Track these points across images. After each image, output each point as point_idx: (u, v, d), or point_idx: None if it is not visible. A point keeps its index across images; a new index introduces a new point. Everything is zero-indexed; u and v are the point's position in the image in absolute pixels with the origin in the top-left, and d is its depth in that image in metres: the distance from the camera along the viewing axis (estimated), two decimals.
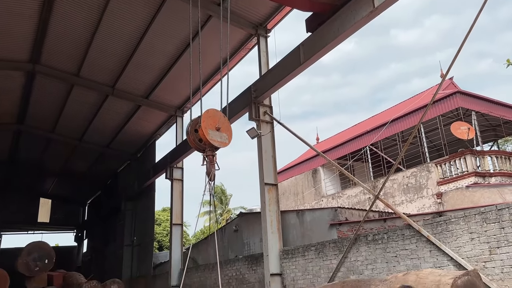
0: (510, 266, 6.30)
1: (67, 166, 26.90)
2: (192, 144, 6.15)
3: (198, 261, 18.89)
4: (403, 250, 8.07)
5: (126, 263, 23.52)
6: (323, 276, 10.13)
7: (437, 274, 5.35)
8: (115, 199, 26.04)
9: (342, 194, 23.39)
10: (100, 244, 29.04)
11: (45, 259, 13.93)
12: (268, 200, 12.37)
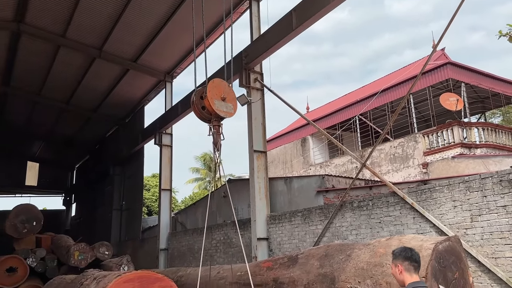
0: (490, 233, 6.49)
1: (54, 130, 26.62)
2: (198, 114, 6.11)
3: (187, 226, 19.15)
4: (387, 217, 8.24)
5: (115, 227, 23.76)
6: (308, 240, 10.36)
7: (419, 239, 5.48)
8: (103, 163, 25.99)
9: (330, 163, 23.62)
10: (88, 208, 29.20)
11: (33, 222, 13.99)
12: (256, 167, 12.46)
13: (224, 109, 5.98)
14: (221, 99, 6.01)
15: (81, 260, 13.34)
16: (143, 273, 6.81)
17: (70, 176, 33.95)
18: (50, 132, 27.06)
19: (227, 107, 6.04)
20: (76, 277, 9.59)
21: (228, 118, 6.18)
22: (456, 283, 5.23)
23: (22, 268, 13.06)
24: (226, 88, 6.18)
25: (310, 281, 6.48)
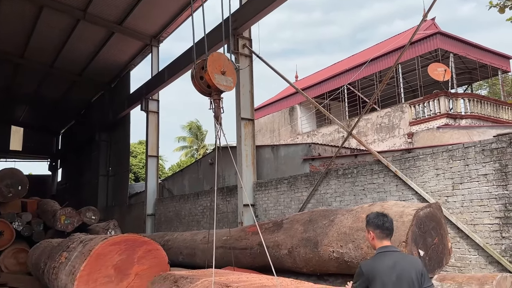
0: (470, 201, 6.66)
1: (38, 93, 26.08)
2: (198, 88, 6.05)
3: (174, 192, 19.26)
4: (371, 184, 8.38)
5: (102, 193, 23.78)
6: (293, 207, 10.52)
7: (401, 205, 5.60)
8: (89, 129, 25.72)
9: (317, 132, 23.73)
10: (74, 173, 29.08)
11: (18, 186, 13.89)
12: (244, 134, 12.45)
13: (224, 83, 5.94)
14: (221, 73, 5.97)
15: (68, 224, 13.39)
16: (130, 236, 6.87)
17: (55, 141, 33.58)
18: (34, 96, 26.51)
19: (227, 81, 6.00)
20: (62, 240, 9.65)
21: (228, 92, 6.16)
22: (435, 248, 5.39)
23: (8, 232, 13.07)
24: (226, 61, 6.13)
25: (294, 245, 6.63)
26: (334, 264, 6.00)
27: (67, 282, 6.43)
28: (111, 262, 6.43)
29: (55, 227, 13.34)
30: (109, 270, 6.38)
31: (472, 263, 6.55)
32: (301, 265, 6.58)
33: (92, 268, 6.24)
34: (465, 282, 4.91)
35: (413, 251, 5.09)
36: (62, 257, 7.47)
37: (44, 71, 22.98)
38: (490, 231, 6.38)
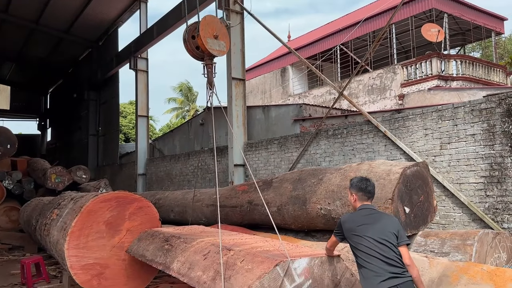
0: (457, 160, 6.76)
1: (24, 51, 25.37)
2: (190, 52, 5.89)
3: (164, 152, 19.28)
4: (360, 144, 8.45)
5: (92, 152, 23.72)
6: (283, 167, 10.62)
7: (388, 164, 5.67)
8: (77, 88, 25.31)
9: (308, 93, 23.61)
10: (64, 133, 28.85)
11: (7, 144, 13.79)
12: (235, 94, 12.35)
13: (217, 47, 5.80)
14: (213, 37, 5.81)
15: (58, 183, 13.42)
16: (121, 194, 6.91)
17: (44, 101, 33.05)
18: (20, 54, 25.81)
19: (220, 45, 5.86)
20: (53, 198, 9.70)
21: (220, 56, 6.03)
22: (420, 205, 5.52)
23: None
24: (218, 25, 5.96)
25: (283, 202, 6.74)
26: (322, 221, 6.13)
27: (59, 237, 6.51)
28: (102, 219, 6.49)
29: (46, 186, 13.37)
30: (101, 226, 6.46)
31: (456, 221, 6.74)
32: (289, 222, 6.72)
33: (83, 224, 6.31)
34: (448, 238, 5.07)
35: (399, 208, 5.21)
36: (54, 214, 7.53)
37: (29, 28, 22.27)
38: (475, 190, 6.52)
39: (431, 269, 4.19)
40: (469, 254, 4.73)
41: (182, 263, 4.59)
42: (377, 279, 3.00)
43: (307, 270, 3.50)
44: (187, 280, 4.25)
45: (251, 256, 3.83)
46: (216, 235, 5.55)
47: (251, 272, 3.52)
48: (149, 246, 5.70)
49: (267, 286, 3.31)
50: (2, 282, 7.35)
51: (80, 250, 6.20)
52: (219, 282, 3.72)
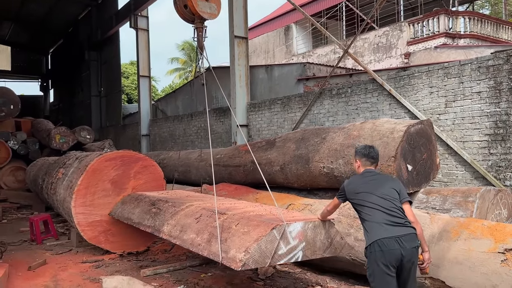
0: (461, 118, 6.72)
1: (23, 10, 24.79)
2: (180, 14, 5.69)
3: (167, 113, 19.25)
4: (364, 103, 8.38)
5: (95, 114, 23.71)
6: (286, 127, 10.61)
7: (392, 122, 5.64)
8: (78, 48, 24.94)
9: (312, 53, 23.20)
10: (67, 94, 28.74)
11: (10, 105, 13.80)
12: (237, 53, 12.15)
13: (208, 10, 5.59)
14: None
15: (63, 143, 13.51)
16: (125, 153, 6.96)
17: (45, 61, 32.69)
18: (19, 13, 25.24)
19: (211, 8, 5.64)
20: (59, 158, 9.80)
21: (212, 20, 5.81)
22: (423, 163, 5.54)
23: (4, 150, 13.22)
24: None
25: (286, 161, 6.78)
26: (324, 179, 6.18)
27: (66, 196, 6.62)
28: (108, 177, 6.58)
29: (51, 146, 13.47)
30: (106, 185, 6.56)
31: (458, 179, 6.78)
32: (292, 181, 6.78)
33: (89, 183, 6.40)
34: (450, 195, 5.11)
35: (402, 166, 5.23)
36: (59, 173, 7.63)
37: None
38: (479, 148, 6.52)
39: (432, 224, 4.25)
40: (470, 210, 4.78)
41: (172, 226, 4.68)
42: (380, 229, 3.04)
43: (301, 233, 3.66)
44: (179, 242, 4.36)
45: (245, 220, 3.94)
46: (204, 199, 5.63)
47: (247, 234, 3.64)
48: (134, 210, 5.78)
49: (264, 248, 3.45)
50: (12, 239, 7.54)
51: (87, 208, 6.32)
52: (215, 244, 3.83)
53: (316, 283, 4.98)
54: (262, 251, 3.44)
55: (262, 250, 3.44)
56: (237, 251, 3.52)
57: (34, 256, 6.40)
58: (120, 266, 5.85)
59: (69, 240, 7.42)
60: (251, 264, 3.39)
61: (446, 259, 3.89)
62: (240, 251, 3.48)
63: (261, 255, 3.44)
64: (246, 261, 3.37)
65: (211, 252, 3.81)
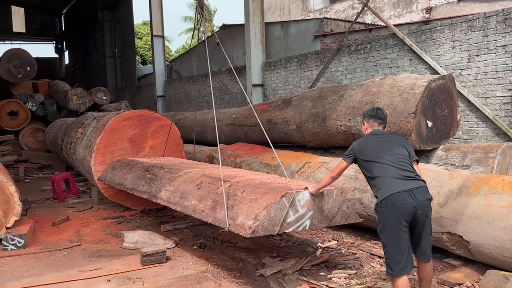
0: (484, 73, 6.50)
1: None
2: None
3: (182, 74, 19.14)
4: (384, 60, 8.15)
5: (110, 75, 23.73)
6: (302, 86, 10.45)
7: (413, 77, 5.49)
8: (91, 8, 24.67)
9: (330, 9, 22.48)
10: (81, 55, 28.71)
11: (27, 67, 13.87)
12: (252, 10, 11.83)
13: None
14: None
15: (80, 104, 13.63)
16: (142, 112, 7.00)
17: (58, 22, 32.49)
18: None
19: None
20: (77, 118, 9.92)
21: None
22: (443, 120, 5.43)
23: (23, 112, 13.43)
24: None
25: (302, 120, 6.71)
26: (341, 137, 6.13)
27: (85, 154, 6.74)
28: (126, 136, 6.65)
29: (68, 107, 13.62)
30: (125, 144, 6.64)
31: (479, 135, 6.65)
32: (308, 139, 6.74)
33: (107, 141, 6.48)
34: (470, 151, 5.03)
35: (421, 122, 5.14)
36: (78, 133, 7.74)
37: None
38: (501, 104, 6.33)
39: (451, 180, 4.21)
40: (490, 167, 4.72)
41: (171, 192, 4.65)
42: (393, 183, 3.01)
43: (310, 202, 3.65)
44: (180, 209, 4.35)
45: (251, 187, 3.91)
46: (200, 166, 5.60)
47: (255, 202, 3.61)
48: (126, 175, 5.72)
49: (273, 215, 3.44)
50: (35, 197, 7.78)
51: (107, 166, 6.43)
52: (220, 210, 3.81)
53: (332, 238, 5.05)
54: (271, 218, 3.43)
55: (271, 218, 3.43)
56: (245, 218, 3.50)
57: (57, 213, 6.62)
58: (140, 222, 6.01)
59: (90, 198, 7.62)
60: (260, 231, 3.38)
61: (464, 214, 3.87)
62: (249, 218, 3.46)
63: (270, 223, 3.43)
64: (255, 228, 3.36)
65: (216, 218, 3.79)
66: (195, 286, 3.77)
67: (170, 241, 5.00)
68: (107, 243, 5.10)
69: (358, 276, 3.93)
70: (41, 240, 5.23)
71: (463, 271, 3.89)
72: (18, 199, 5.10)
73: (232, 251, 4.70)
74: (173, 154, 7.08)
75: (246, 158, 7.16)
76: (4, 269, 4.29)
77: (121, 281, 3.90)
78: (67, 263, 4.43)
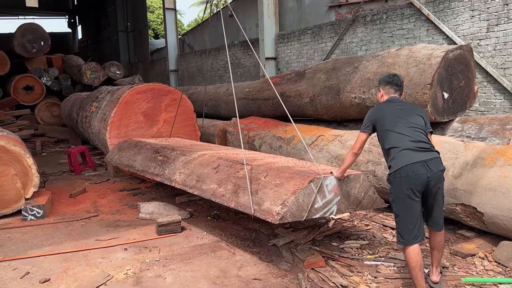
0: (504, 43, 6.32)
1: None
2: None
3: (194, 47, 19.01)
4: (400, 30, 7.97)
5: (123, 49, 23.70)
6: (316, 58, 10.32)
7: (430, 48, 5.37)
8: None
9: None
10: (94, 30, 28.66)
11: (41, 41, 13.90)
12: None
13: None
14: None
15: (94, 78, 13.69)
16: (155, 86, 7.02)
17: None
18: None
19: None
20: (91, 92, 9.99)
21: None
22: (460, 91, 5.33)
23: (38, 87, 13.56)
24: None
25: (316, 93, 6.65)
26: (355, 110, 6.07)
27: (100, 128, 6.82)
28: (140, 110, 6.70)
29: (82, 82, 13.70)
30: (139, 117, 6.70)
31: (496, 107, 6.52)
32: (322, 112, 6.70)
33: (122, 115, 6.54)
34: (487, 123, 4.94)
35: (437, 94, 5.05)
36: (93, 106, 7.81)
37: None
38: None
39: (466, 152, 4.17)
40: (507, 138, 4.64)
41: (186, 175, 4.50)
42: (408, 154, 2.96)
43: (337, 187, 3.54)
44: (197, 192, 4.22)
45: (274, 171, 3.79)
46: (213, 148, 5.46)
47: (281, 187, 3.50)
48: (135, 157, 5.57)
49: (301, 201, 3.33)
50: (52, 170, 7.94)
51: (122, 139, 6.51)
52: (243, 195, 3.68)
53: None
54: (300, 204, 3.31)
55: (299, 204, 3.31)
56: (272, 204, 3.38)
57: (74, 185, 6.76)
58: (156, 194, 6.11)
59: (106, 171, 7.75)
60: (288, 217, 3.26)
61: (479, 186, 3.84)
62: (277, 204, 3.34)
63: (298, 209, 3.31)
64: (284, 215, 3.24)
65: (239, 203, 3.67)
66: (209, 255, 3.85)
67: (184, 212, 5.08)
68: (124, 214, 5.21)
69: (371, 247, 3.96)
70: (59, 211, 5.37)
71: (476, 242, 3.89)
72: (36, 171, 5.21)
73: (245, 222, 4.77)
74: (186, 128, 7.13)
75: (259, 131, 7.16)
76: (25, 238, 4.43)
77: (138, 250, 4.01)
78: (85, 232, 4.56)
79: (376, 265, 3.57)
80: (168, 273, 3.49)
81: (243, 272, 3.48)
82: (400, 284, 3.22)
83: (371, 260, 3.67)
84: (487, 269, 3.45)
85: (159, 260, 3.75)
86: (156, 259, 3.77)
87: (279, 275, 3.41)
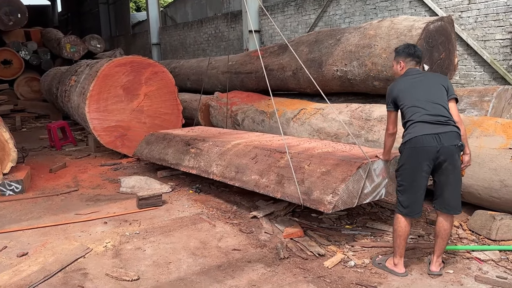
0: (485, 15, 6.32)
1: None
2: None
3: (177, 20, 18.62)
4: (383, 2, 7.90)
5: (104, 22, 23.12)
6: (300, 31, 10.21)
7: (411, 19, 5.33)
8: None
9: None
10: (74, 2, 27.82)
11: (18, 14, 13.46)
12: None
13: None
14: None
15: (74, 52, 13.37)
16: (135, 58, 6.88)
17: None
18: None
19: None
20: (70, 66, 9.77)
21: None
22: (441, 63, 5.34)
23: (17, 61, 13.20)
24: None
25: (298, 66, 6.59)
26: (337, 83, 6.06)
27: (79, 102, 6.70)
28: (119, 83, 6.58)
29: (62, 56, 13.37)
30: (118, 91, 6.58)
31: (476, 80, 6.58)
32: (305, 86, 6.67)
33: (101, 88, 6.42)
34: (466, 95, 4.99)
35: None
36: (72, 80, 7.65)
37: None
38: (500, 47, 6.21)
39: None
40: (485, 110, 4.69)
41: (224, 167, 4.38)
42: (422, 126, 2.83)
43: (384, 170, 3.48)
44: (239, 184, 4.11)
45: (317, 159, 3.69)
46: (242, 136, 5.25)
47: (329, 175, 3.43)
48: (166, 150, 5.39)
49: (352, 188, 3.29)
50: (33, 146, 7.83)
51: (101, 113, 6.42)
52: (289, 185, 3.60)
53: None
54: (350, 191, 3.28)
55: (349, 191, 3.27)
56: (322, 193, 3.32)
57: (54, 160, 6.68)
58: (137, 169, 6.09)
59: (87, 146, 7.67)
60: (340, 205, 3.23)
61: None
62: (327, 193, 3.29)
63: (349, 196, 3.27)
64: (336, 203, 3.20)
65: (285, 194, 3.59)
66: (190, 227, 3.88)
67: (166, 186, 5.08)
68: (104, 188, 5.19)
69: (349, 217, 4.03)
70: (38, 186, 5.32)
71: None
72: (13, 146, 5.12)
73: (227, 195, 4.79)
74: (167, 102, 7.04)
75: (242, 106, 7.13)
76: (3, 213, 4.39)
77: (118, 223, 4.01)
78: (65, 207, 4.53)
79: (353, 234, 3.64)
80: (147, 245, 3.50)
81: (223, 243, 3.52)
82: (376, 253, 3.29)
83: (348, 229, 3.74)
84: (462, 237, 3.54)
85: (139, 233, 3.76)
86: (136, 232, 3.78)
87: (258, 246, 3.46)
